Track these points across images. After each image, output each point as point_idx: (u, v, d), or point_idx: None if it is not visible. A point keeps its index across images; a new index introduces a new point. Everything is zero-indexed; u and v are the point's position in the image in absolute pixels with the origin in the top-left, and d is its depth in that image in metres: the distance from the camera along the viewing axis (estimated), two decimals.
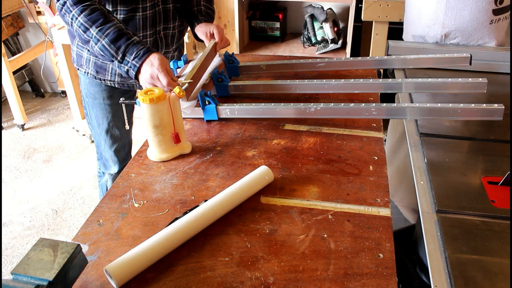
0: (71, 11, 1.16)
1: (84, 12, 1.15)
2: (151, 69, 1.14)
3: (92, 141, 2.82)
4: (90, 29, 1.16)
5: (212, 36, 1.44)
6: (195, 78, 1.26)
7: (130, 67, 1.17)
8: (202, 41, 1.47)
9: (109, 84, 1.46)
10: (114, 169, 1.69)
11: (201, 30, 1.45)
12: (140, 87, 1.46)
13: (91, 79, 1.46)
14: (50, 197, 2.38)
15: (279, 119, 1.22)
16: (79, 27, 1.17)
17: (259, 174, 0.96)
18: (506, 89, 1.43)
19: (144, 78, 1.16)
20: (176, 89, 1.04)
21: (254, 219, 0.89)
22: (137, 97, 1.04)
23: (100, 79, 1.45)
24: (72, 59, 1.50)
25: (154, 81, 1.14)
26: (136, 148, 1.17)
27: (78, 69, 1.47)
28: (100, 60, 1.39)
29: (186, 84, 1.26)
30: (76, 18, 1.16)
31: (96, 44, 1.17)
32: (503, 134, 1.17)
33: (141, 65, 1.15)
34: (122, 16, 1.30)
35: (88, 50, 1.38)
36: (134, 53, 1.15)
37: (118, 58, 1.17)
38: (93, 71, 1.43)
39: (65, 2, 1.16)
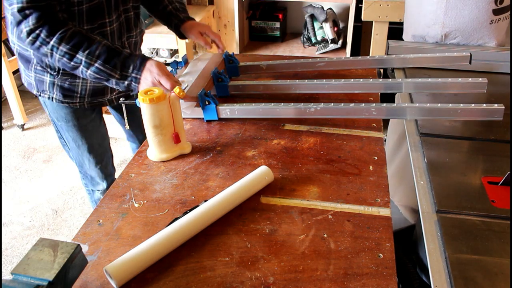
0: (49, 42, 1.08)
1: (64, 40, 1.08)
2: (151, 76, 1.12)
3: None
4: (77, 55, 1.10)
5: (207, 42, 1.43)
6: (197, 85, 1.26)
7: (131, 80, 1.14)
8: (185, 37, 1.47)
9: (78, 107, 1.38)
10: (103, 185, 1.63)
11: (194, 30, 1.43)
12: (111, 102, 1.44)
13: (58, 103, 1.36)
14: (50, 197, 2.38)
15: (279, 119, 1.22)
16: (63, 56, 1.10)
17: (259, 174, 0.96)
18: (506, 89, 1.43)
19: (146, 86, 1.12)
20: (176, 89, 1.04)
21: (254, 219, 0.89)
22: (136, 97, 1.04)
23: (68, 103, 1.35)
24: (29, 85, 1.36)
25: (157, 87, 1.12)
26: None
27: (39, 95, 1.36)
28: (67, 83, 1.30)
29: (188, 85, 1.26)
30: (57, 48, 1.08)
31: (88, 68, 1.11)
32: (503, 134, 1.17)
33: (141, 75, 1.13)
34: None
35: (51, 74, 1.27)
36: (132, 66, 1.13)
37: (117, 76, 1.13)
38: (58, 95, 1.32)
39: (38, 35, 1.07)
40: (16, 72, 3.19)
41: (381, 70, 1.70)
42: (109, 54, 1.11)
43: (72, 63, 1.11)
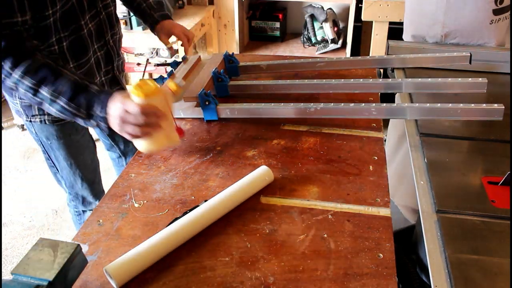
0: (12, 75, 0.97)
1: (28, 73, 0.97)
2: (117, 108, 0.95)
3: None
4: (41, 91, 0.98)
5: (171, 48, 1.41)
6: (197, 85, 1.26)
7: (100, 121, 0.99)
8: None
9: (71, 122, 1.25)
10: (95, 204, 1.52)
11: (162, 33, 1.39)
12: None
13: (49, 124, 1.28)
14: (50, 197, 2.38)
15: (279, 119, 1.22)
16: (27, 91, 0.98)
17: (259, 174, 0.96)
18: (506, 89, 1.43)
19: (115, 123, 0.97)
20: (172, 85, 1.01)
21: (254, 219, 0.89)
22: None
23: (60, 120, 1.27)
24: (17, 113, 1.28)
25: (126, 117, 0.94)
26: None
27: (30, 121, 1.27)
28: None
29: (183, 82, 1.25)
30: (21, 81, 0.97)
31: (51, 105, 1.00)
32: (503, 134, 1.17)
33: (107, 112, 0.97)
34: (68, 41, 1.13)
35: None
36: (100, 105, 0.97)
37: (83, 116, 1.00)
38: (51, 116, 1.25)
39: (1, 68, 0.96)
40: None
41: (381, 70, 1.70)
42: (75, 91, 0.98)
43: (37, 98, 1.00)
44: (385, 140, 1.74)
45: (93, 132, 1.53)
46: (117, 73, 1.34)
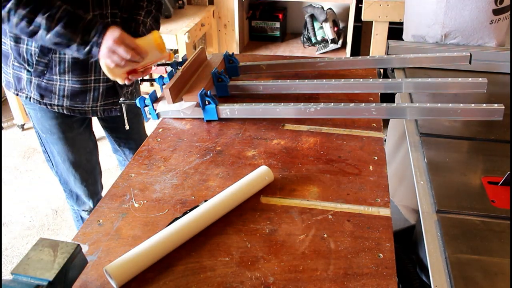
0: (5, 6, 1.02)
1: (22, 2, 1.02)
2: (114, 36, 1.07)
3: None
4: (36, 19, 1.03)
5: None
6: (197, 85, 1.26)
7: (93, 44, 1.07)
8: None
9: (56, 110, 1.31)
10: (89, 204, 1.55)
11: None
12: (95, 112, 1.35)
13: (41, 110, 1.31)
14: (50, 197, 2.38)
15: (279, 119, 1.22)
16: (22, 19, 1.03)
17: (259, 174, 0.96)
18: (506, 89, 1.43)
19: (103, 53, 1.08)
20: (157, 37, 1.14)
21: (254, 219, 0.89)
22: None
23: (46, 104, 1.29)
24: (6, 84, 1.31)
25: (112, 55, 1.08)
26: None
27: (17, 94, 1.30)
28: (44, 81, 1.24)
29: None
30: (15, 11, 1.02)
31: (48, 32, 1.05)
32: (503, 134, 1.17)
33: (102, 40, 1.07)
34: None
35: (28, 71, 1.23)
36: (94, 30, 1.07)
37: (78, 40, 1.07)
38: (36, 95, 1.27)
39: None
40: None
41: (381, 70, 1.70)
42: (70, 18, 1.06)
43: (31, 27, 1.05)
44: (385, 140, 1.74)
45: (97, 134, 1.54)
46: None
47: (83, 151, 1.45)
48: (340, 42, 2.67)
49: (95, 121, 1.53)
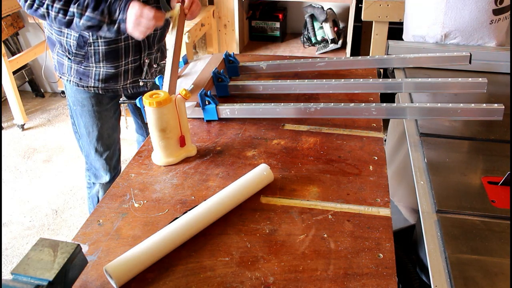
0: (44, 3, 1.21)
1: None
2: (135, 10, 1.20)
3: None
4: (70, 9, 1.21)
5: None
6: (197, 85, 1.26)
7: (120, 22, 1.22)
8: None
9: (92, 91, 1.48)
10: (106, 178, 1.68)
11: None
12: (126, 90, 1.51)
13: (75, 86, 1.48)
14: (50, 197, 2.38)
15: (279, 119, 1.22)
16: (58, 12, 1.22)
17: (259, 174, 0.96)
18: (506, 89, 1.43)
19: (131, 21, 1.21)
20: (182, 91, 1.02)
21: (254, 219, 0.89)
22: (139, 97, 1.03)
23: (83, 86, 1.47)
24: (54, 67, 1.51)
25: (141, 19, 1.20)
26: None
27: (60, 77, 1.50)
28: (82, 67, 1.42)
29: (192, 86, 1.26)
30: (52, 6, 1.21)
31: (80, 18, 1.21)
32: (503, 134, 1.17)
33: (126, 14, 1.21)
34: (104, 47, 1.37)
35: (69, 58, 1.41)
36: (118, 9, 1.21)
37: (106, 20, 1.22)
38: (75, 78, 1.45)
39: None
40: (16, 72, 3.19)
41: (381, 70, 1.71)
42: (96, 2, 1.21)
43: (67, 17, 1.22)
44: (385, 140, 1.74)
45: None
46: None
47: (106, 126, 1.59)
48: (340, 42, 2.67)
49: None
